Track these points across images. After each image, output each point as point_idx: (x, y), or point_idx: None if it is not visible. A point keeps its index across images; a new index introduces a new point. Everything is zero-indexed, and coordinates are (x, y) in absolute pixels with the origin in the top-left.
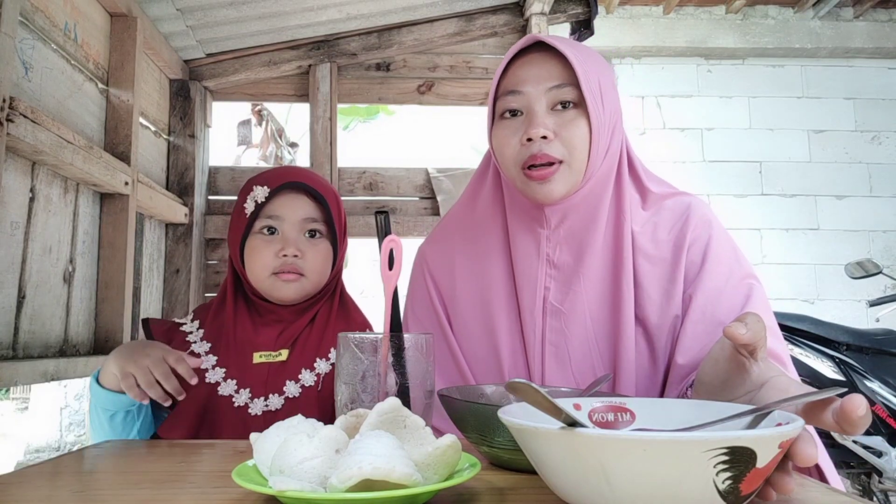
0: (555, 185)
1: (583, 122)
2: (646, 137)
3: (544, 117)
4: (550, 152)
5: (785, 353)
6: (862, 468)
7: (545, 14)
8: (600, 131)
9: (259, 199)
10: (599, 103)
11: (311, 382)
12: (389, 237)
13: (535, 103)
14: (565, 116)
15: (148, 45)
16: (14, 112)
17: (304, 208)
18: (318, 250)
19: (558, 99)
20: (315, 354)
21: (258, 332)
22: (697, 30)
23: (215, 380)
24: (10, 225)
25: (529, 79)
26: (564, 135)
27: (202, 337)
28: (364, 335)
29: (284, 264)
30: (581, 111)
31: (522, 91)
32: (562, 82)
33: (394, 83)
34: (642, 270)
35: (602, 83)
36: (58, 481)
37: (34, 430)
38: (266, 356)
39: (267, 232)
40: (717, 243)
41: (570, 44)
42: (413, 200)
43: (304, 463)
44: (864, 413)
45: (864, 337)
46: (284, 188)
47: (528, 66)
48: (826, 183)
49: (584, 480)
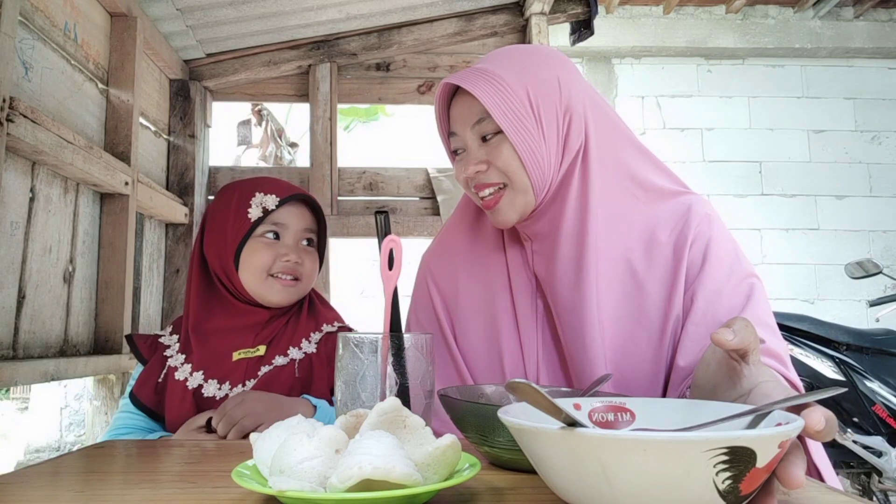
0: (503, 209)
1: (507, 146)
2: (646, 137)
3: (476, 152)
4: (488, 180)
5: (784, 351)
6: (862, 468)
7: (545, 14)
8: (533, 147)
9: (269, 207)
10: (525, 121)
11: (284, 363)
12: (389, 237)
13: (469, 141)
14: (490, 145)
15: (148, 45)
16: (14, 112)
17: (305, 219)
18: (313, 258)
19: (482, 133)
20: (288, 345)
21: (235, 334)
22: (697, 30)
23: (197, 384)
24: (10, 225)
25: (457, 119)
26: (496, 163)
27: (179, 349)
28: (364, 335)
29: (285, 268)
30: (504, 137)
31: (456, 133)
32: (480, 117)
33: (394, 83)
34: (640, 272)
35: (534, 94)
36: (58, 481)
37: (34, 430)
38: (245, 353)
39: (271, 237)
40: (718, 242)
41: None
42: (413, 200)
43: (303, 463)
44: (821, 429)
45: (864, 337)
46: (292, 199)
47: (456, 107)
48: (826, 183)
49: (584, 480)
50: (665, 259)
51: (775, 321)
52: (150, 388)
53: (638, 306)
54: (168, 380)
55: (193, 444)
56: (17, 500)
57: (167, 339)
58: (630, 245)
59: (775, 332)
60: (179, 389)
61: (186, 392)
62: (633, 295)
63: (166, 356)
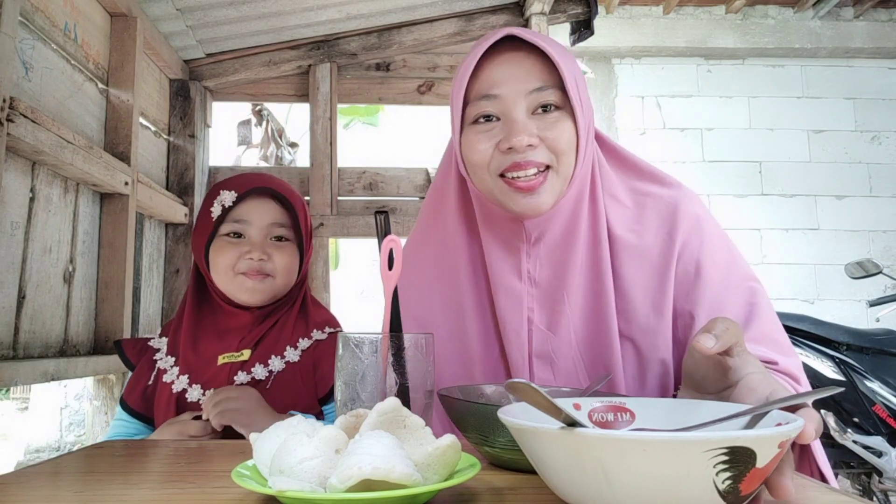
0: (543, 195)
1: (568, 125)
2: (646, 137)
3: (526, 123)
4: (537, 158)
5: (797, 367)
6: (862, 468)
7: (545, 14)
8: (588, 132)
9: (226, 204)
10: (583, 99)
11: (262, 376)
12: (389, 237)
13: (515, 108)
14: (548, 120)
15: (148, 45)
16: (14, 112)
17: (271, 213)
18: (284, 252)
19: (540, 102)
20: (271, 352)
21: (222, 338)
22: (697, 30)
23: (181, 388)
24: (10, 225)
25: (506, 80)
26: (550, 140)
27: (167, 352)
28: (364, 335)
29: (250, 267)
30: (565, 113)
31: (499, 95)
32: (543, 84)
33: (394, 83)
34: (627, 278)
35: (578, 80)
36: (58, 481)
37: (34, 430)
38: (229, 357)
39: (233, 236)
40: (710, 246)
41: (547, 39)
42: (413, 200)
43: (303, 463)
44: (812, 440)
45: (864, 337)
46: (252, 193)
47: (504, 65)
48: (826, 183)
49: (584, 480)
50: (651, 263)
51: (783, 332)
52: (139, 394)
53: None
54: (157, 384)
55: (193, 444)
56: (17, 500)
57: (157, 343)
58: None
59: (785, 348)
60: (166, 393)
61: (171, 396)
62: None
63: (155, 360)
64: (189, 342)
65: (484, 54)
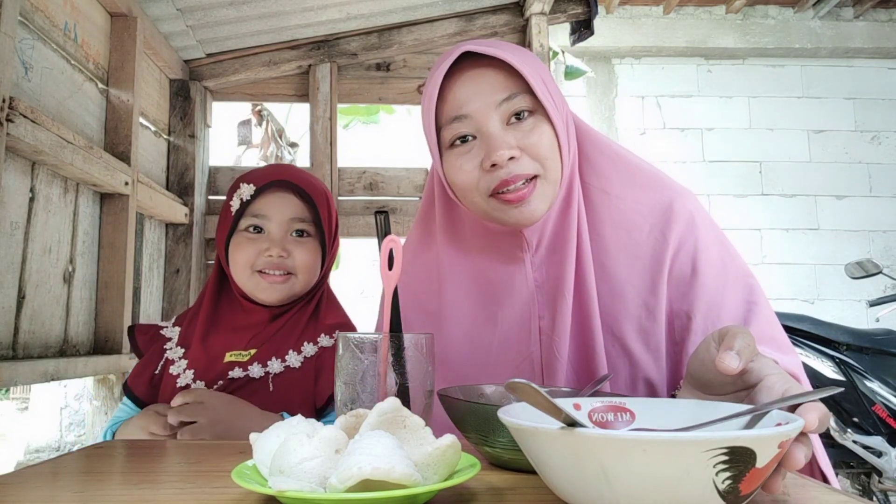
0: (534, 203)
1: (546, 128)
2: (646, 137)
3: (503, 136)
4: (522, 171)
5: (797, 366)
6: (862, 468)
7: (545, 14)
8: (567, 128)
9: (244, 198)
10: (556, 100)
11: (258, 375)
12: (389, 237)
13: (488, 123)
14: (524, 128)
15: (148, 45)
16: (14, 112)
17: (291, 208)
18: (305, 248)
19: (512, 111)
20: (273, 353)
21: (234, 335)
22: (697, 30)
23: (185, 382)
24: (10, 225)
25: (472, 97)
26: (531, 148)
27: (178, 342)
28: (364, 335)
29: (269, 264)
30: (540, 116)
31: (468, 113)
32: (510, 93)
33: (394, 83)
34: (618, 277)
35: (544, 77)
36: (58, 481)
37: (34, 430)
38: (236, 355)
39: (252, 231)
40: (705, 244)
41: (503, 46)
42: (413, 200)
43: (303, 463)
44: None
45: (864, 337)
46: (271, 186)
47: (468, 83)
48: (826, 183)
49: (583, 480)
50: (642, 263)
51: (782, 330)
52: (146, 381)
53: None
54: (164, 374)
55: (194, 444)
56: (17, 500)
57: (169, 332)
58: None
59: (784, 346)
60: (171, 385)
61: (175, 390)
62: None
63: (165, 349)
64: (201, 336)
65: (445, 76)
